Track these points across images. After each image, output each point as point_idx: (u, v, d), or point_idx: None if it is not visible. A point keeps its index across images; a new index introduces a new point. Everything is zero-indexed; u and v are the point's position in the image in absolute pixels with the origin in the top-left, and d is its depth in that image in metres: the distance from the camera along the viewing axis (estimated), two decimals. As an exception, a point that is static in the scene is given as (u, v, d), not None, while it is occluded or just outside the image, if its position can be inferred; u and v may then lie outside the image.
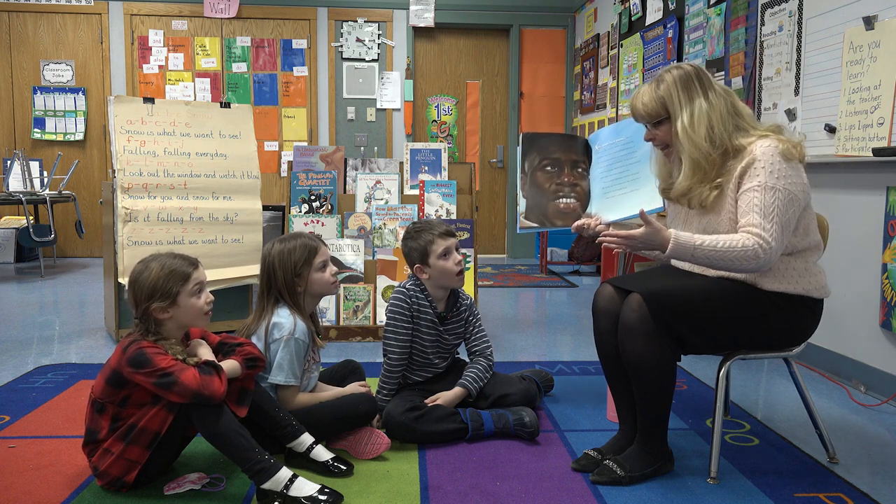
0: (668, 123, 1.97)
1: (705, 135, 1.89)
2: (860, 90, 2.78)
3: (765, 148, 1.86)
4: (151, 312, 1.81)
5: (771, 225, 1.80)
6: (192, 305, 1.85)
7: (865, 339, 2.82)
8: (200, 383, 1.73)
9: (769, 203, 1.82)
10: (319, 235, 2.27)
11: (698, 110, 1.91)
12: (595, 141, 2.42)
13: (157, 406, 1.76)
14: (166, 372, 1.72)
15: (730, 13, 3.95)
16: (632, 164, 2.28)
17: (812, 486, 1.93)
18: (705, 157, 1.90)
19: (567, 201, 2.37)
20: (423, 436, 2.17)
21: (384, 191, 3.84)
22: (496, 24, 7.12)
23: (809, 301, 1.94)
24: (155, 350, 1.77)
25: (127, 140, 3.46)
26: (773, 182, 1.82)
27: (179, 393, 1.72)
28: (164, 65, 6.77)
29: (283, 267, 2.12)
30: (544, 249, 6.18)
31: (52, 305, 4.53)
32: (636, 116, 2.05)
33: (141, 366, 1.73)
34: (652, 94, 1.97)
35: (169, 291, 1.81)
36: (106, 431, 1.80)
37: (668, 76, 1.96)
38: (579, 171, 2.41)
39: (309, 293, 2.17)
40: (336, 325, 3.56)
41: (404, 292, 2.34)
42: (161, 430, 1.76)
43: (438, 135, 7.21)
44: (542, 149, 2.41)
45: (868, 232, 2.77)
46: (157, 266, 1.83)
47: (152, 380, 1.73)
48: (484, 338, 2.47)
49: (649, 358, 1.87)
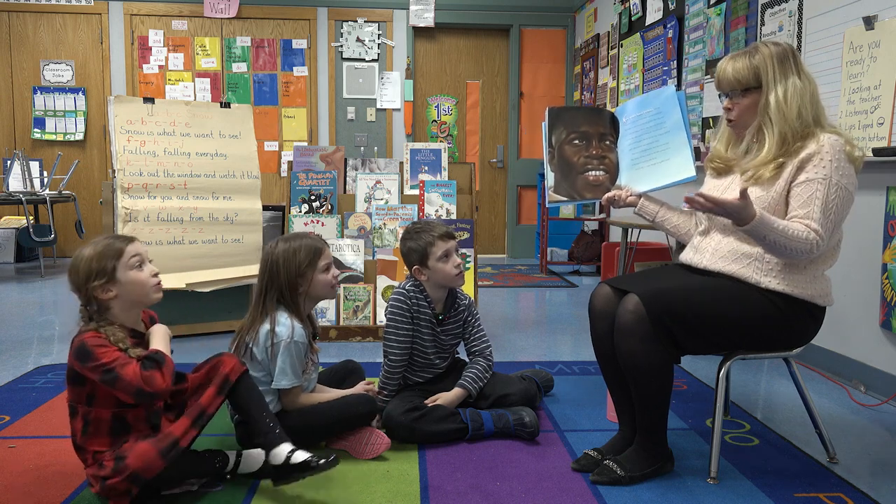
0: (754, 94, 1.95)
1: (797, 112, 1.89)
2: (860, 90, 2.78)
3: (833, 142, 1.86)
4: (94, 295, 1.75)
5: (827, 222, 1.84)
6: (134, 279, 1.77)
7: (865, 339, 2.82)
8: (141, 379, 1.68)
9: (830, 199, 1.83)
10: (319, 236, 2.25)
11: (792, 87, 1.90)
12: (622, 113, 2.39)
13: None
14: (108, 367, 1.67)
15: (730, 13, 3.95)
16: (661, 134, 2.25)
17: (812, 486, 1.93)
18: (793, 133, 1.89)
19: (596, 174, 2.33)
20: (423, 436, 2.17)
21: (384, 191, 3.84)
22: (496, 24, 7.12)
23: (812, 307, 1.94)
24: (97, 341, 1.71)
25: (127, 140, 3.46)
26: (836, 178, 1.84)
27: (122, 389, 1.68)
28: (164, 65, 6.77)
29: (286, 266, 2.09)
30: (544, 249, 6.18)
31: (52, 305, 4.53)
32: (723, 83, 2.00)
33: (84, 359, 1.70)
34: (746, 62, 1.95)
35: (104, 268, 1.75)
36: (80, 435, 1.77)
37: (765, 48, 1.95)
38: (607, 144, 2.37)
39: (309, 295, 2.15)
40: (336, 326, 3.56)
41: (404, 293, 2.34)
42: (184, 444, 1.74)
43: (438, 135, 7.21)
44: (569, 122, 2.37)
45: (868, 232, 2.77)
46: (90, 248, 1.78)
47: (97, 375, 1.68)
48: (483, 338, 2.47)
49: (646, 359, 1.87)
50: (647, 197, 2.25)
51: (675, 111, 2.21)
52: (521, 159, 7.30)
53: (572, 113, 2.42)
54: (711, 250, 2.02)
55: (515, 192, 7.31)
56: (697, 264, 2.04)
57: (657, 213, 2.24)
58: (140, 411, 1.78)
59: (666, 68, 4.82)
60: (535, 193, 7.12)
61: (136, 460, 1.67)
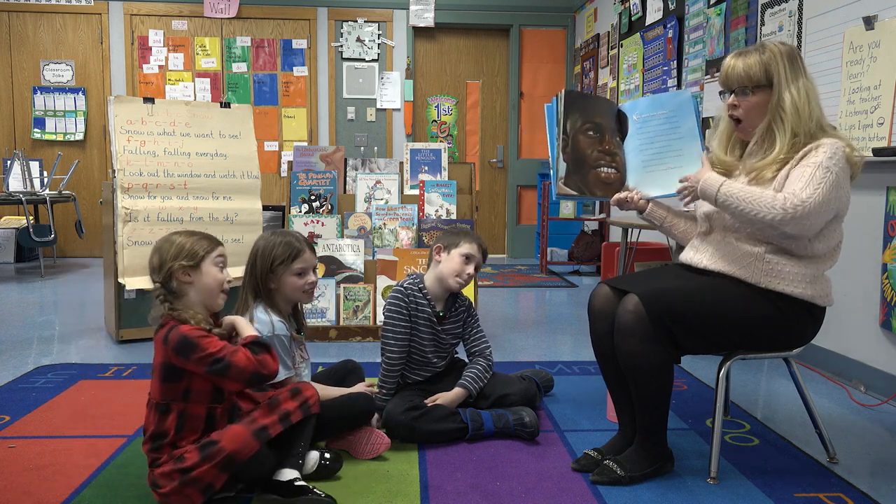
0: (764, 92, 1.93)
1: (809, 113, 1.89)
2: (860, 90, 2.78)
3: (833, 142, 1.86)
4: (174, 273, 1.76)
5: (812, 191, 1.78)
6: (213, 275, 1.81)
7: (865, 339, 2.82)
8: (256, 363, 1.70)
9: (819, 178, 1.80)
10: (306, 239, 2.19)
11: (804, 87, 1.90)
12: (633, 110, 2.27)
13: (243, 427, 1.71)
14: (217, 357, 1.67)
15: (730, 13, 3.95)
16: (675, 139, 2.17)
17: (812, 486, 1.93)
18: (806, 132, 1.88)
19: (608, 171, 2.21)
20: (423, 435, 2.17)
21: (384, 191, 3.84)
22: (496, 24, 7.12)
23: (812, 307, 1.93)
24: (197, 332, 1.70)
25: (127, 140, 3.46)
26: (828, 164, 1.81)
27: (235, 377, 1.69)
28: (164, 65, 6.77)
29: (262, 259, 2.09)
30: (544, 249, 6.18)
31: (52, 305, 4.53)
32: (732, 79, 1.97)
33: (189, 352, 1.67)
34: (757, 58, 1.92)
35: (195, 253, 1.78)
36: (173, 433, 1.72)
37: (774, 46, 1.93)
38: (616, 140, 2.25)
39: (280, 293, 2.12)
40: (336, 325, 3.56)
41: (402, 290, 2.35)
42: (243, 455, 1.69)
43: (438, 135, 7.21)
44: (585, 111, 2.22)
45: (868, 232, 2.77)
46: (184, 237, 1.81)
47: (204, 367, 1.68)
48: (483, 338, 2.47)
49: (646, 359, 1.87)
50: (655, 202, 2.21)
51: (690, 117, 2.16)
52: (521, 159, 7.30)
53: (588, 101, 2.29)
54: (712, 250, 2.01)
55: (515, 192, 7.31)
56: (697, 264, 2.04)
57: (665, 218, 2.21)
58: (224, 407, 1.78)
59: (666, 68, 4.82)
60: (535, 193, 7.11)
61: (230, 442, 1.67)
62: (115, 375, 2.93)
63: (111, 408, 2.50)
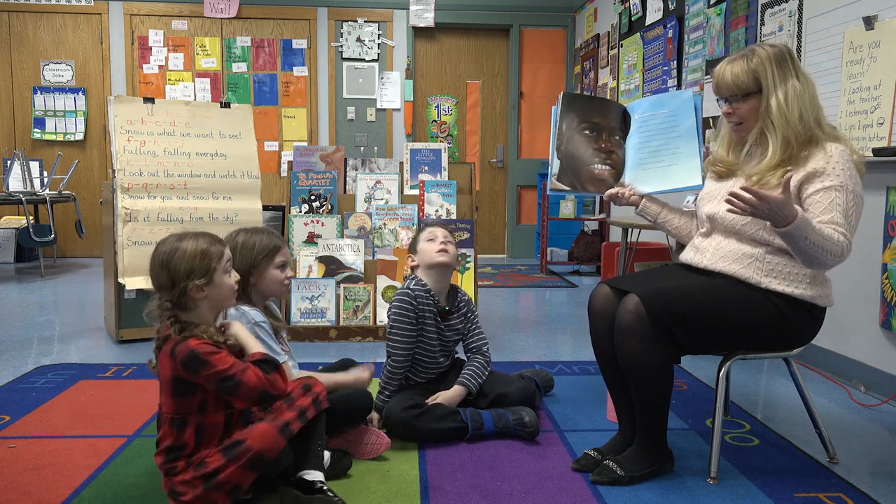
0: (755, 98, 1.93)
1: (798, 115, 1.88)
2: (860, 90, 2.78)
3: (841, 151, 1.86)
4: (189, 292, 1.68)
5: (850, 227, 1.82)
6: (225, 283, 1.75)
7: (865, 339, 2.82)
8: (266, 383, 1.66)
9: (849, 206, 1.82)
10: (279, 234, 2.19)
11: (792, 90, 1.89)
12: (635, 110, 2.33)
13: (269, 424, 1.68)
14: (226, 375, 1.62)
15: (730, 13, 3.95)
16: (673, 137, 2.22)
17: (812, 486, 1.93)
18: (796, 136, 1.88)
19: (602, 168, 2.28)
20: (422, 434, 2.17)
21: (384, 191, 3.84)
22: (496, 24, 7.12)
23: (813, 308, 1.93)
24: (207, 348, 1.64)
25: (127, 140, 3.46)
26: (852, 186, 1.83)
27: (244, 396, 1.65)
28: (164, 65, 6.77)
29: (241, 256, 2.07)
30: (544, 249, 6.18)
31: (52, 305, 4.53)
32: (722, 88, 1.97)
33: (198, 368, 1.62)
34: (744, 66, 1.92)
35: (207, 268, 1.70)
36: (193, 445, 1.68)
37: (762, 51, 1.92)
38: (616, 139, 2.31)
39: (258, 289, 2.11)
40: (336, 326, 3.56)
41: (408, 293, 2.34)
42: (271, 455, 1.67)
43: (438, 135, 7.21)
44: (582, 111, 2.31)
45: (868, 232, 2.77)
46: (191, 243, 1.71)
47: (213, 384, 1.63)
48: (481, 335, 2.47)
49: (646, 359, 1.87)
50: (649, 198, 2.25)
51: (689, 116, 2.19)
52: (521, 159, 7.30)
53: (587, 102, 2.36)
54: (712, 250, 2.01)
55: (515, 192, 7.31)
56: (698, 264, 2.04)
57: (659, 213, 2.24)
58: (240, 408, 1.75)
59: (666, 68, 4.82)
60: (535, 193, 7.11)
61: (258, 441, 1.64)
62: (115, 375, 2.93)
63: (111, 408, 2.50)
